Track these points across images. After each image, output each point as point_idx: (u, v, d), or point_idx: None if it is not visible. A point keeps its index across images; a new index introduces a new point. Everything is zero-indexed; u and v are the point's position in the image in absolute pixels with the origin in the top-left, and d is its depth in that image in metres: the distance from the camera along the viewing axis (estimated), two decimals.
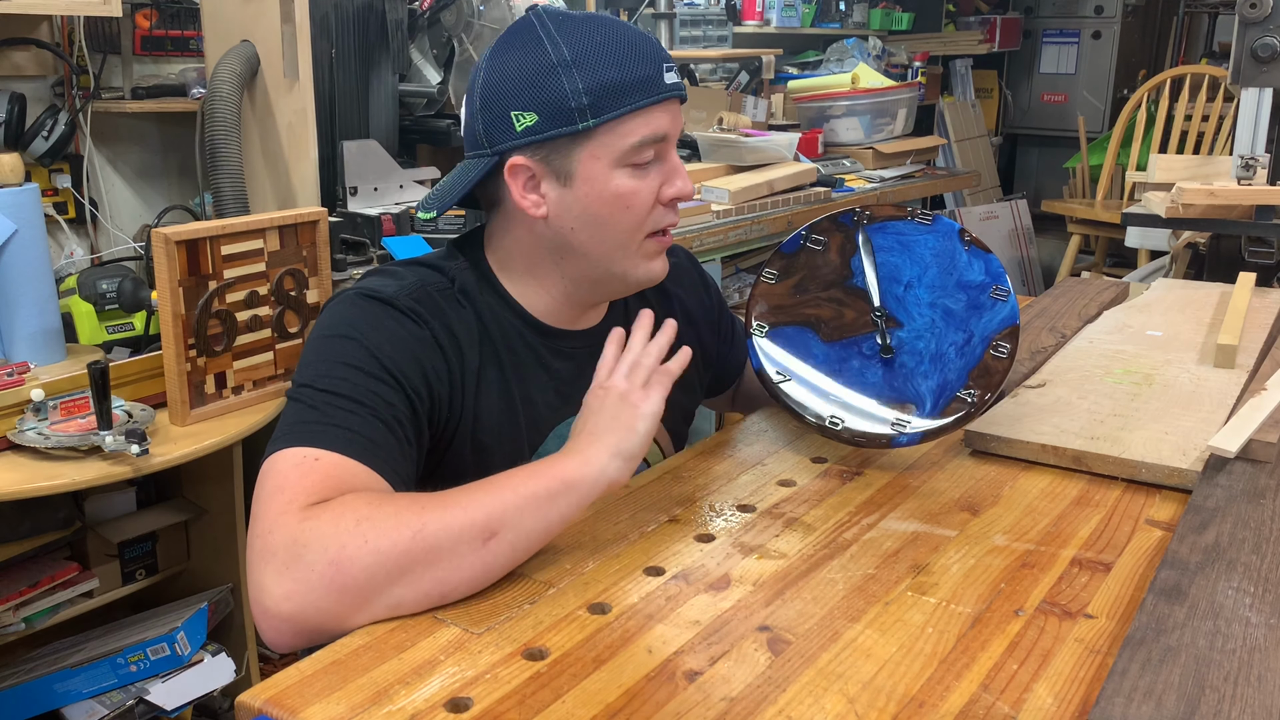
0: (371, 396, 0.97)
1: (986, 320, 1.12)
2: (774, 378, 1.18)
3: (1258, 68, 2.16)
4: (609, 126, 1.04)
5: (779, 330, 1.19)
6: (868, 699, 0.75)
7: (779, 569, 0.93)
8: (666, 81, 1.07)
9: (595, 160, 1.05)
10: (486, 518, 0.87)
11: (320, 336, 1.03)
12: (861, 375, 1.15)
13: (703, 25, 3.84)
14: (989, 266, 1.12)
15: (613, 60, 1.04)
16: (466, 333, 1.08)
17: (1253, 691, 0.72)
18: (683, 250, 1.38)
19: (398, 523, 0.84)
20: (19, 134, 2.25)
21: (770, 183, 2.80)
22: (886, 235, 1.15)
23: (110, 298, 2.03)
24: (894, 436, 1.13)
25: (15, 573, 1.82)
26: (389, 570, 0.83)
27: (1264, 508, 1.00)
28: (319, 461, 0.91)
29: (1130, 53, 5.54)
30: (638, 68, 1.05)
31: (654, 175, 1.08)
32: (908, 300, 1.14)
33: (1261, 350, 1.44)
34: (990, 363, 1.12)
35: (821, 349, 1.17)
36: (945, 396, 1.12)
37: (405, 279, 1.08)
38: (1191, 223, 2.41)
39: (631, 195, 1.07)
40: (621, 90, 1.04)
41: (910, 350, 1.14)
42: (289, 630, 0.83)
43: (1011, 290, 1.13)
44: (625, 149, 1.05)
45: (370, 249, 2.15)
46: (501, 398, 1.10)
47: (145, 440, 1.62)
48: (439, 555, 0.85)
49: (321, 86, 2.19)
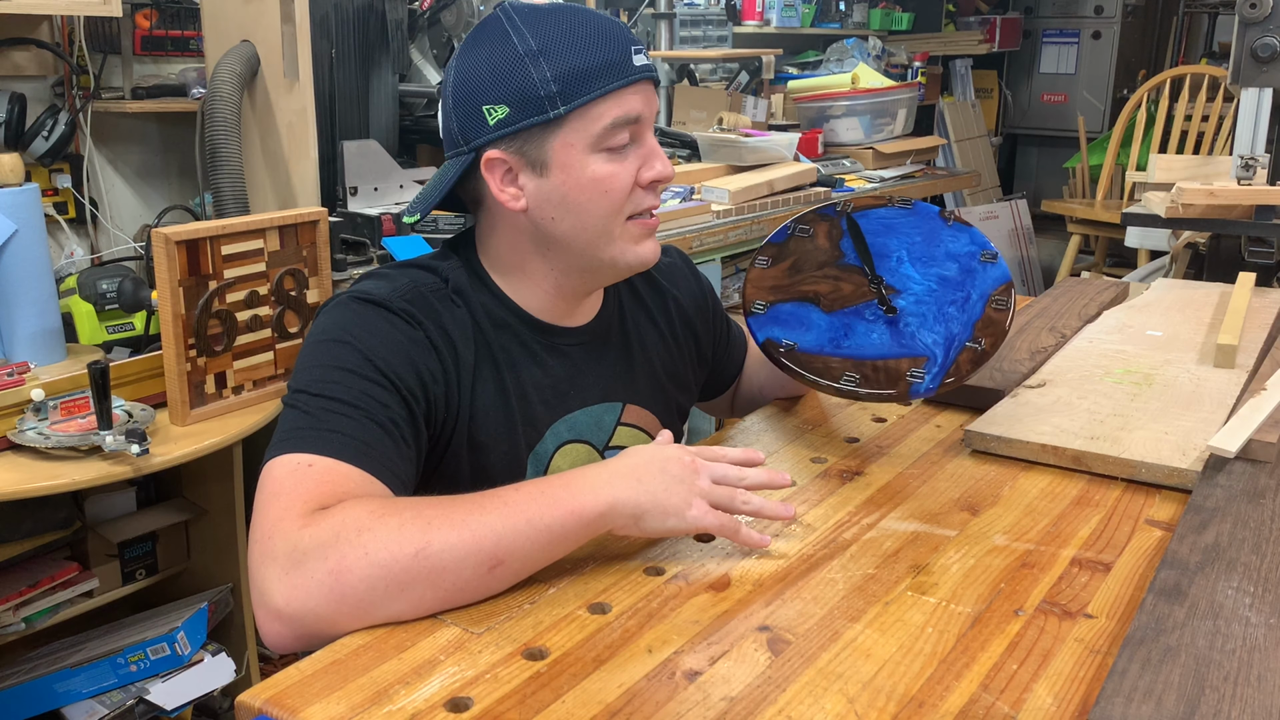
0: (365, 399, 0.97)
1: (981, 280, 1.12)
2: (780, 347, 1.18)
3: (1258, 68, 2.16)
4: (580, 112, 1.04)
5: (778, 307, 1.18)
6: (868, 699, 0.75)
7: (779, 569, 0.93)
8: (635, 64, 1.07)
9: (570, 147, 1.05)
10: (495, 546, 0.85)
11: (314, 342, 1.03)
12: (867, 337, 1.15)
13: (703, 25, 3.85)
14: (973, 237, 1.13)
15: (579, 46, 1.05)
16: (461, 332, 1.08)
17: (1253, 691, 0.72)
18: (677, 250, 1.38)
19: (400, 537, 0.83)
20: (19, 134, 2.25)
21: (770, 183, 2.80)
22: (871, 220, 1.16)
23: (110, 298, 2.03)
24: (912, 384, 1.12)
25: (15, 573, 1.82)
26: (389, 585, 0.83)
27: (1264, 508, 1.00)
28: (313, 468, 0.91)
29: (1130, 53, 5.54)
30: (604, 52, 1.05)
31: (631, 158, 1.08)
32: (902, 272, 1.15)
33: (1261, 350, 1.44)
34: (993, 315, 1.12)
35: (824, 319, 1.16)
36: (955, 346, 1.12)
37: (397, 281, 1.08)
38: (1191, 223, 2.41)
39: (609, 179, 1.06)
40: (589, 75, 1.04)
41: (913, 313, 1.14)
42: (289, 634, 0.83)
43: (999, 254, 1.13)
44: (598, 132, 1.05)
45: (370, 249, 2.15)
46: (498, 396, 1.10)
47: (145, 440, 1.62)
48: (442, 577, 0.84)
49: (321, 86, 2.19)
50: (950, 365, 1.11)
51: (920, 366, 1.12)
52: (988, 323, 1.11)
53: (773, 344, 1.18)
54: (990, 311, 1.11)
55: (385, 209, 2.20)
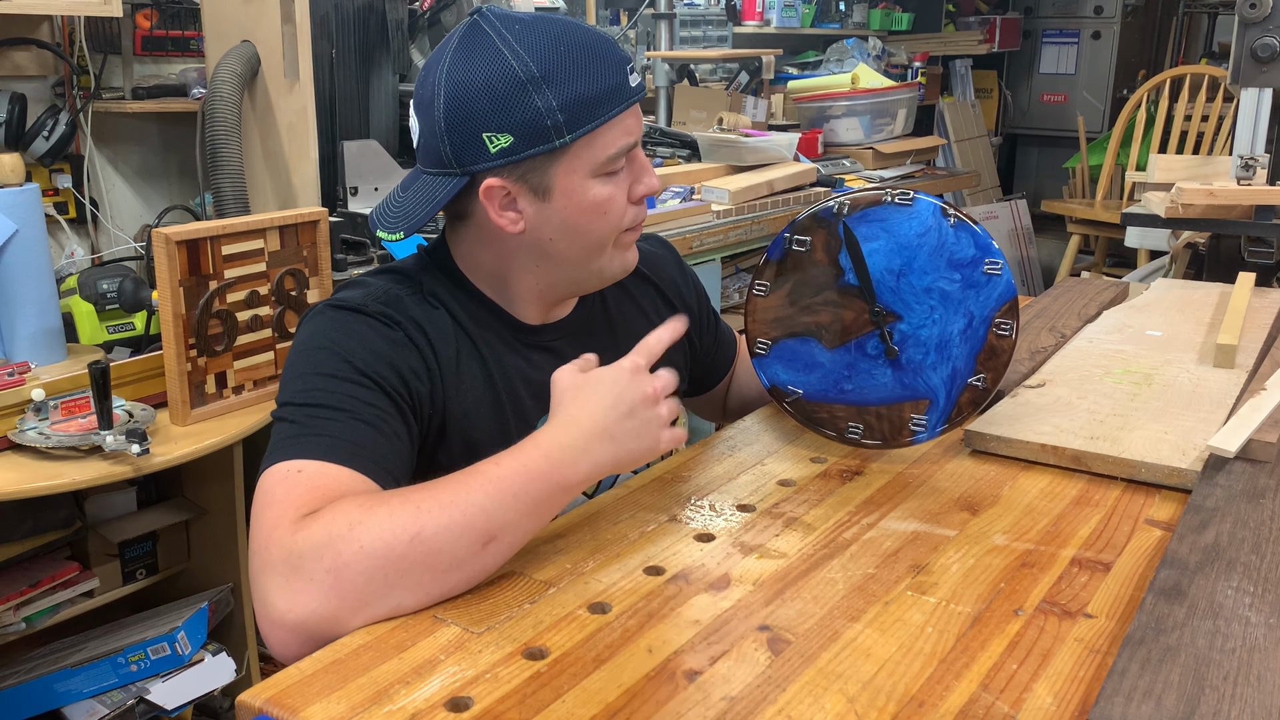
0: (350, 401, 0.97)
1: (984, 299, 1.12)
2: (786, 395, 1.19)
3: (1257, 68, 2.16)
4: (585, 140, 1.04)
5: (782, 344, 1.19)
6: (868, 698, 0.75)
7: (779, 569, 0.93)
8: (632, 85, 1.06)
9: (573, 174, 1.05)
10: (486, 523, 0.87)
11: (295, 354, 1.04)
12: (871, 376, 1.15)
13: (703, 25, 3.85)
14: (976, 239, 1.11)
15: (581, 71, 1.03)
16: (438, 330, 1.09)
17: (1252, 691, 0.72)
18: (660, 239, 1.38)
19: (393, 525, 0.84)
20: (19, 134, 2.25)
21: (770, 183, 2.80)
22: (870, 224, 1.14)
23: (111, 298, 2.03)
24: (915, 434, 1.15)
25: (15, 572, 1.82)
26: (387, 574, 0.83)
27: (1264, 508, 1.00)
28: (302, 473, 0.91)
29: (1130, 53, 5.54)
30: (606, 76, 1.04)
31: (624, 176, 1.09)
32: (902, 289, 1.14)
33: (1261, 350, 1.44)
34: (995, 343, 1.12)
35: (827, 356, 1.17)
36: (957, 385, 1.13)
37: (372, 286, 1.09)
38: (1191, 223, 2.41)
39: (609, 201, 1.07)
40: (594, 102, 1.03)
41: (915, 342, 1.14)
42: (295, 640, 0.83)
43: (1004, 262, 1.12)
44: (602, 160, 1.05)
45: (370, 249, 2.15)
46: (486, 390, 1.11)
47: (145, 440, 1.62)
48: (438, 559, 0.85)
49: (322, 86, 2.19)
50: (952, 410, 1.14)
51: (922, 413, 1.14)
52: (990, 353, 1.12)
53: (779, 391, 1.20)
54: (993, 339, 1.12)
55: None
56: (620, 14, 3.91)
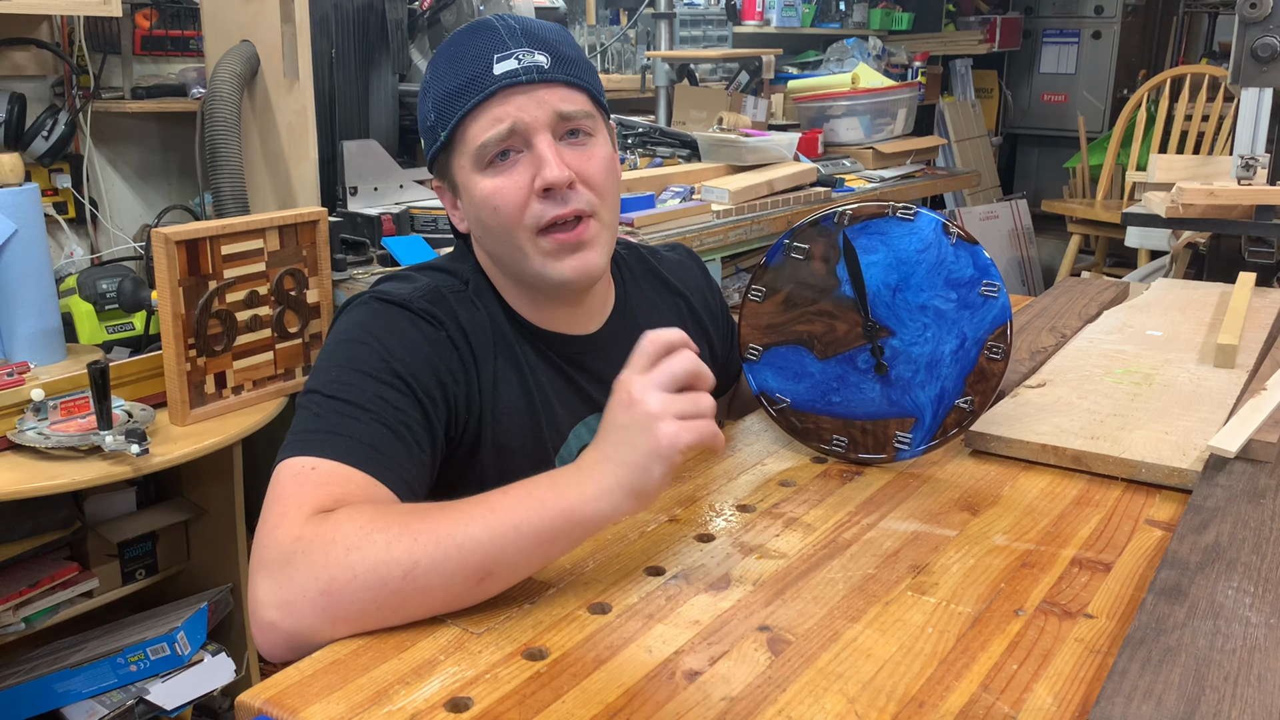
0: (378, 402, 0.96)
1: (978, 320, 1.11)
2: (774, 402, 1.19)
3: (1258, 68, 2.16)
4: (458, 134, 1.06)
5: (774, 351, 1.19)
6: (868, 699, 0.75)
7: (779, 569, 0.93)
8: (495, 73, 1.04)
9: (463, 169, 1.08)
10: (482, 559, 0.83)
11: (334, 342, 1.03)
12: (859, 390, 1.15)
13: (703, 25, 3.84)
14: (976, 259, 1.11)
15: (447, 68, 1.07)
16: (480, 333, 1.09)
17: (1253, 691, 0.72)
18: (686, 249, 1.37)
19: (388, 558, 0.82)
20: (19, 134, 2.25)
21: (770, 183, 2.80)
22: (870, 236, 1.14)
23: (110, 298, 2.03)
24: (898, 450, 1.15)
25: (15, 573, 1.82)
26: (380, 606, 0.82)
27: (1264, 508, 1.00)
28: (315, 471, 0.90)
29: (1130, 53, 5.54)
30: (465, 68, 1.06)
31: (522, 169, 1.05)
32: (897, 305, 1.13)
33: (1261, 350, 1.44)
34: (985, 365, 1.11)
35: (817, 366, 1.17)
36: (944, 405, 1.13)
37: (418, 281, 1.09)
38: (1191, 223, 2.41)
39: (495, 194, 1.05)
40: (455, 95, 1.06)
41: (905, 359, 1.13)
42: (282, 644, 0.83)
43: (1001, 285, 1.12)
44: (475, 151, 1.05)
45: (370, 249, 2.15)
46: (521, 397, 1.10)
47: (145, 440, 1.62)
48: (430, 596, 0.83)
49: (321, 86, 2.19)
50: (937, 429, 1.14)
51: (907, 430, 1.14)
52: (979, 375, 1.12)
53: (768, 398, 1.20)
54: (984, 361, 1.11)
55: (385, 209, 2.20)
56: (620, 14, 3.91)
